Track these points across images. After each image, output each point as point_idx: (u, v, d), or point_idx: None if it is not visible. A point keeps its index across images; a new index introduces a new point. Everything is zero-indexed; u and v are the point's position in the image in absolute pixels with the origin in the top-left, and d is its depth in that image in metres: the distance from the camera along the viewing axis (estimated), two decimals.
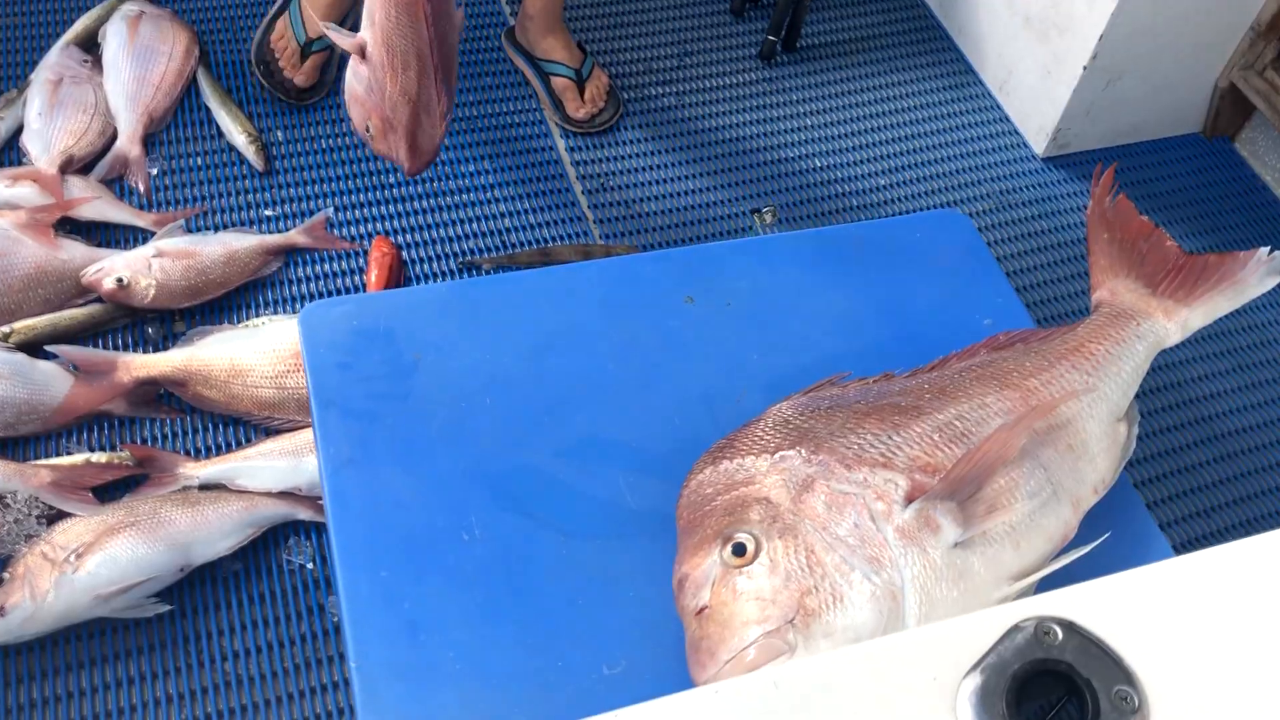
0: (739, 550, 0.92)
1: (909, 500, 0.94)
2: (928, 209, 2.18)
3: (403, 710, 0.92)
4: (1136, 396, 1.15)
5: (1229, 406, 1.96)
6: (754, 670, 0.86)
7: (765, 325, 1.20)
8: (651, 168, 2.18)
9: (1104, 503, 1.06)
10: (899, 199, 2.20)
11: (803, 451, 0.98)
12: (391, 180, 2.08)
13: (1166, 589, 0.77)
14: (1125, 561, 1.06)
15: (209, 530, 1.58)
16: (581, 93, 2.18)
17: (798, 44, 2.43)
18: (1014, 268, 2.12)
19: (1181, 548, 1.73)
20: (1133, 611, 0.76)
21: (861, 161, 2.25)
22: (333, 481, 1.04)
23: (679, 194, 2.14)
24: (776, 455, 0.98)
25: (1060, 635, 0.74)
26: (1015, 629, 0.74)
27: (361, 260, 1.95)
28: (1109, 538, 1.02)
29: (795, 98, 2.35)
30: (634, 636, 0.97)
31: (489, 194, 2.07)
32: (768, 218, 2.13)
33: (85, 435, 1.70)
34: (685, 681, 0.91)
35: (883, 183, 2.22)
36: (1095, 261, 1.25)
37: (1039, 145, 2.31)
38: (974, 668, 0.71)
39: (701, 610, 0.91)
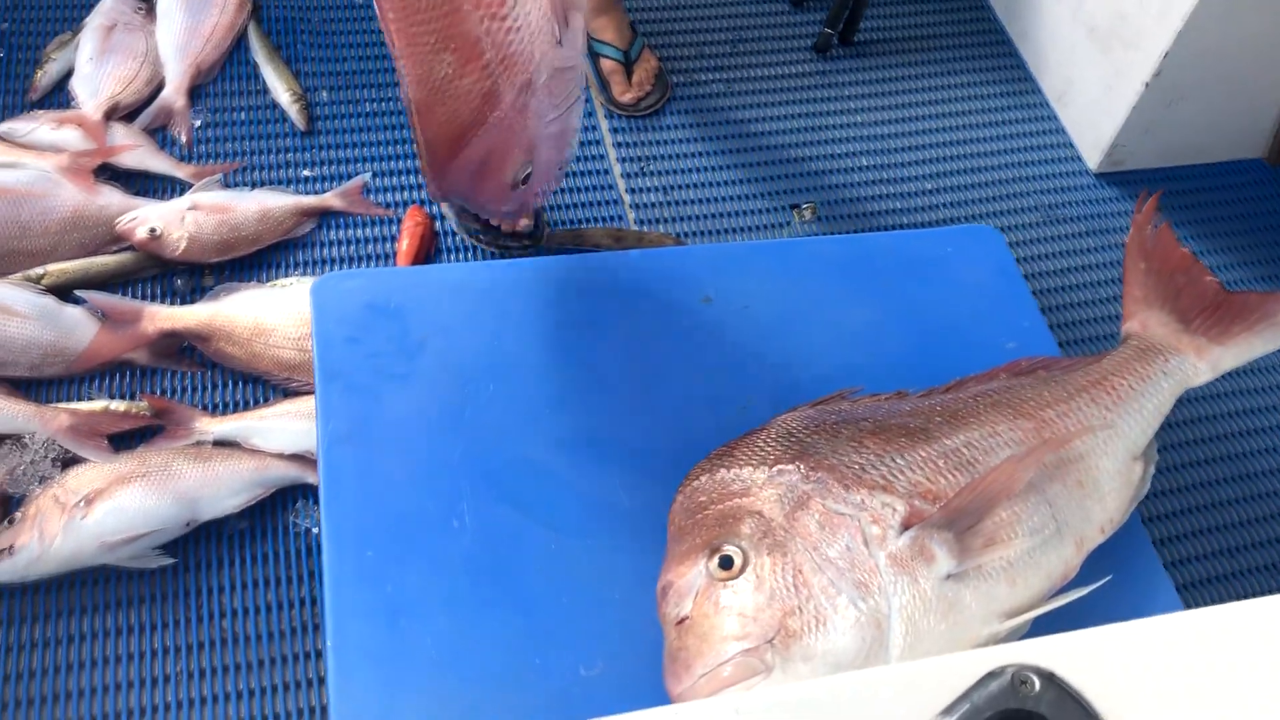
0: (726, 563, 0.90)
1: (905, 527, 0.92)
2: (973, 217, 2.14)
3: (375, 692, 0.91)
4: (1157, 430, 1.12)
5: (1259, 446, 1.90)
6: (728, 687, 0.85)
7: (781, 331, 1.17)
8: (694, 155, 2.15)
9: (1111, 540, 1.03)
10: (944, 204, 2.16)
11: (802, 467, 0.96)
12: None
13: (1156, 647, 0.75)
14: (1124, 603, 1.03)
15: (218, 487, 1.59)
16: (629, 76, 2.15)
17: (855, 38, 2.38)
18: (1055, 285, 2.07)
19: (1189, 588, 1.69)
20: (1117, 668, 0.73)
21: (909, 164, 2.21)
22: (328, 456, 1.04)
23: (719, 184, 2.11)
24: (775, 469, 0.96)
25: (1038, 685, 0.71)
26: (992, 675, 0.72)
27: (394, 228, 1.95)
28: (1115, 577, 1.00)
29: (847, 93, 2.31)
30: (614, 640, 0.96)
31: None
32: (806, 214, 2.09)
33: (106, 382, 1.72)
34: (661, 690, 0.89)
35: (928, 186, 2.18)
36: (1129, 291, 1.22)
37: (1093, 160, 2.25)
38: (945, 712, 0.69)
39: (682, 621, 0.89)
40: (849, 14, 2.32)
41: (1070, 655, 0.75)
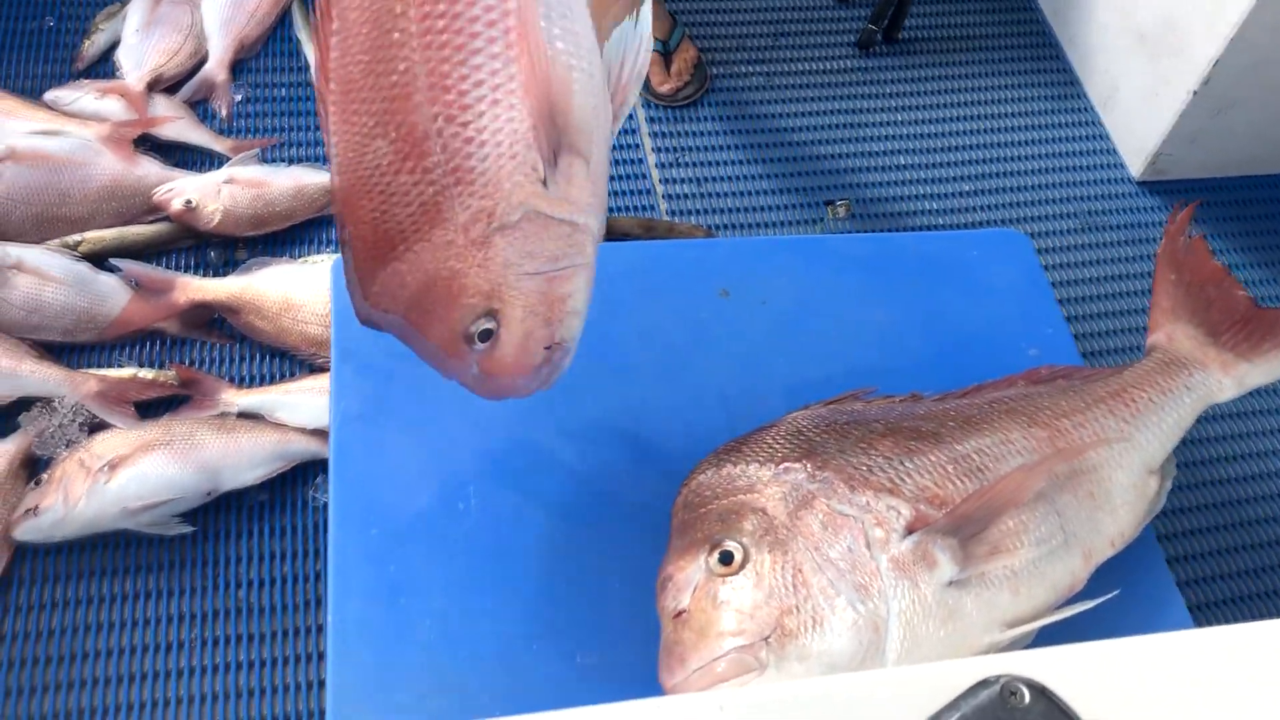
0: (726, 559, 0.90)
1: (909, 531, 0.91)
2: (1010, 220, 2.11)
3: (371, 669, 0.92)
4: (1178, 446, 1.10)
5: None
6: (721, 683, 0.85)
7: (798, 328, 1.16)
8: (729, 147, 2.14)
9: (1123, 552, 1.02)
10: (980, 207, 2.13)
11: (808, 466, 0.95)
12: None
13: (1156, 666, 0.73)
14: (1132, 620, 1.02)
15: (240, 458, 1.61)
16: (667, 65, 2.14)
17: (899, 35, 2.36)
18: (1088, 293, 2.04)
19: (1203, 609, 1.66)
20: (1114, 685, 0.72)
21: (947, 164, 2.19)
22: (339, 434, 1.05)
23: (753, 177, 2.10)
24: (781, 466, 0.96)
25: (1028, 698, 0.70)
26: (983, 684, 0.71)
27: None
28: (1121, 592, 0.98)
29: (888, 90, 2.29)
30: (612, 630, 0.96)
31: None
32: (840, 212, 2.08)
33: (136, 350, 1.74)
34: (655, 682, 0.89)
35: (966, 188, 2.15)
36: (1157, 302, 1.19)
37: (1136, 168, 2.21)
38: (932, 719, 0.69)
39: (680, 614, 0.89)
40: (894, 11, 2.30)
41: (1066, 669, 0.74)
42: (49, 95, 1.96)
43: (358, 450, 1.04)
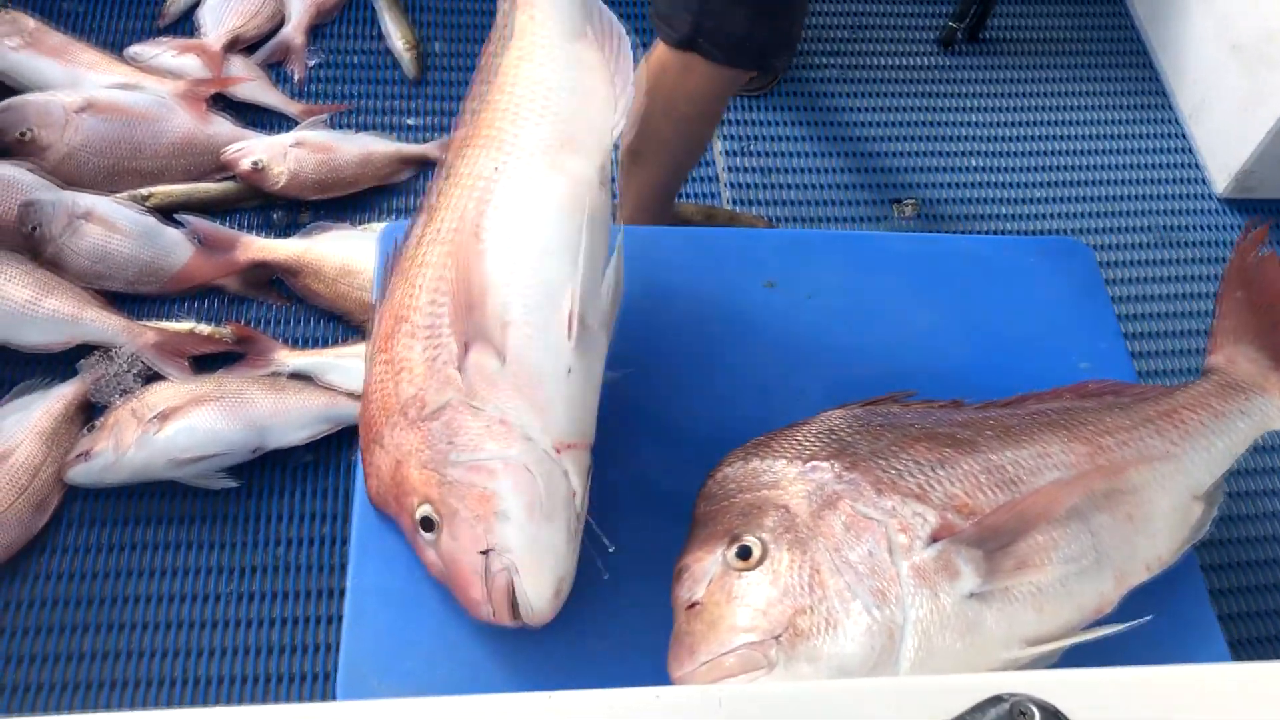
0: (744, 553, 0.89)
1: (934, 539, 0.89)
2: (1082, 230, 2.06)
3: (384, 634, 0.92)
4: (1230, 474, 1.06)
5: None
6: (728, 678, 0.84)
7: (843, 326, 1.14)
8: (799, 138, 2.11)
9: (1164, 579, 0.98)
10: (1052, 214, 2.08)
11: (836, 466, 0.93)
12: None
13: (1182, 699, 0.71)
14: (1165, 649, 0.99)
15: (288, 418, 1.63)
16: None
17: (982, 34, 2.30)
18: (1157, 310, 1.98)
19: (1244, 645, 1.60)
20: (1133, 715, 0.70)
21: (1022, 169, 2.14)
22: None
23: (820, 170, 2.07)
24: (809, 464, 0.94)
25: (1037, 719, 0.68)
26: (993, 701, 0.69)
27: None
28: (1156, 619, 0.95)
29: (966, 91, 2.24)
30: (628, 615, 0.95)
31: None
32: (907, 210, 2.04)
33: (195, 305, 1.77)
34: (664, 671, 0.89)
35: (1039, 194, 2.10)
36: (1220, 322, 1.15)
37: (1220, 184, 2.14)
38: None
39: (693, 605, 0.88)
40: (979, 9, 2.25)
41: (1084, 693, 0.72)
42: (130, 50, 2.00)
43: None
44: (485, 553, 0.85)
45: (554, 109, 0.97)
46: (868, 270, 1.18)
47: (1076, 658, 0.89)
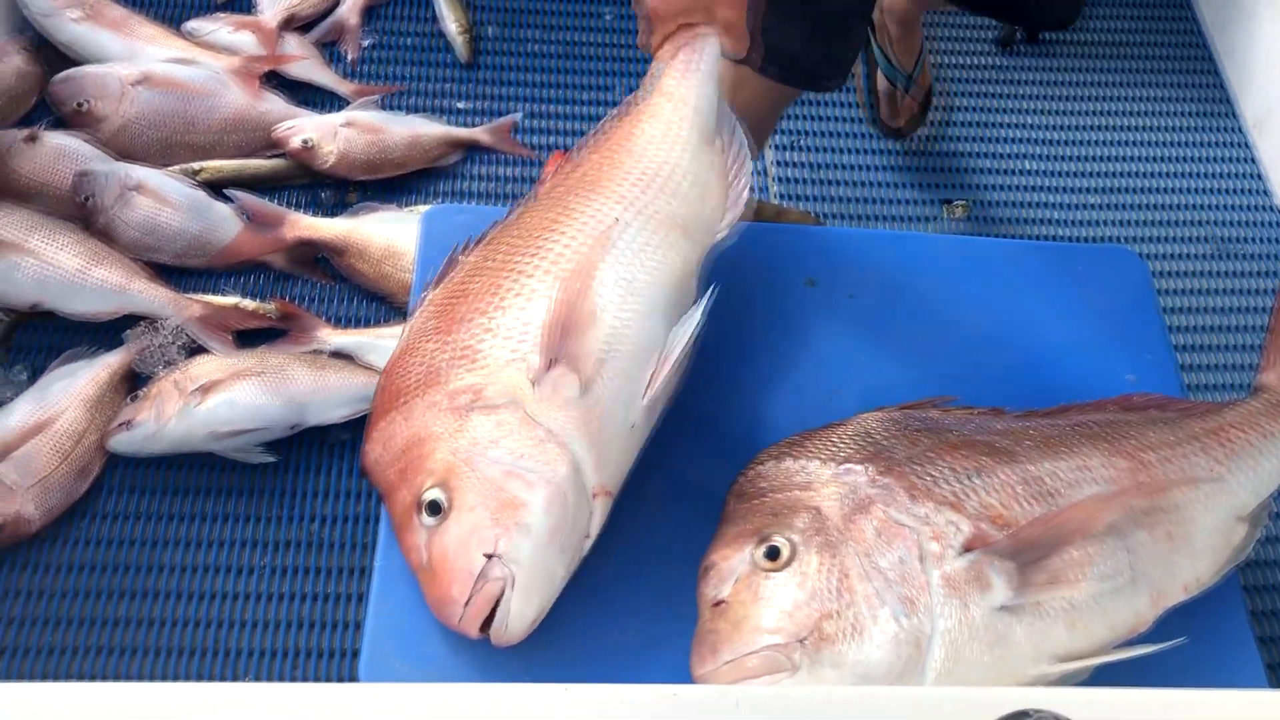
0: (772, 554, 0.88)
1: (967, 549, 0.88)
2: (1136, 239, 2.02)
3: (408, 616, 0.93)
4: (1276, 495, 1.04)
5: None
6: (750, 679, 0.83)
7: (883, 327, 1.13)
8: (851, 135, 2.09)
9: (1202, 599, 0.96)
10: (1106, 221, 2.04)
11: (871, 470, 0.92)
12: (584, 98, 2.07)
13: None
14: (1200, 672, 0.97)
15: (327, 396, 1.64)
16: (902, 100, 2.01)
17: (1041, 36, 2.26)
18: (1210, 323, 1.93)
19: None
20: None
21: (1077, 174, 2.10)
22: None
23: (870, 167, 2.05)
24: (843, 467, 0.93)
25: None
26: (1017, 716, 0.68)
27: (537, 171, 1.96)
28: (1192, 641, 0.93)
29: (1023, 92, 2.20)
30: (653, 611, 0.95)
31: None
32: (958, 211, 2.01)
33: (241, 280, 1.79)
34: (687, 667, 0.88)
35: (1094, 200, 2.06)
36: (1274, 339, 1.13)
37: None
38: None
39: (719, 603, 0.88)
40: None
41: (1111, 713, 0.71)
42: (188, 25, 2.02)
43: None
44: (490, 556, 0.84)
45: (680, 192, 1.01)
46: (911, 271, 1.16)
47: (1107, 677, 0.88)
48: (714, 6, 1.07)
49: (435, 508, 0.86)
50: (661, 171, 1.02)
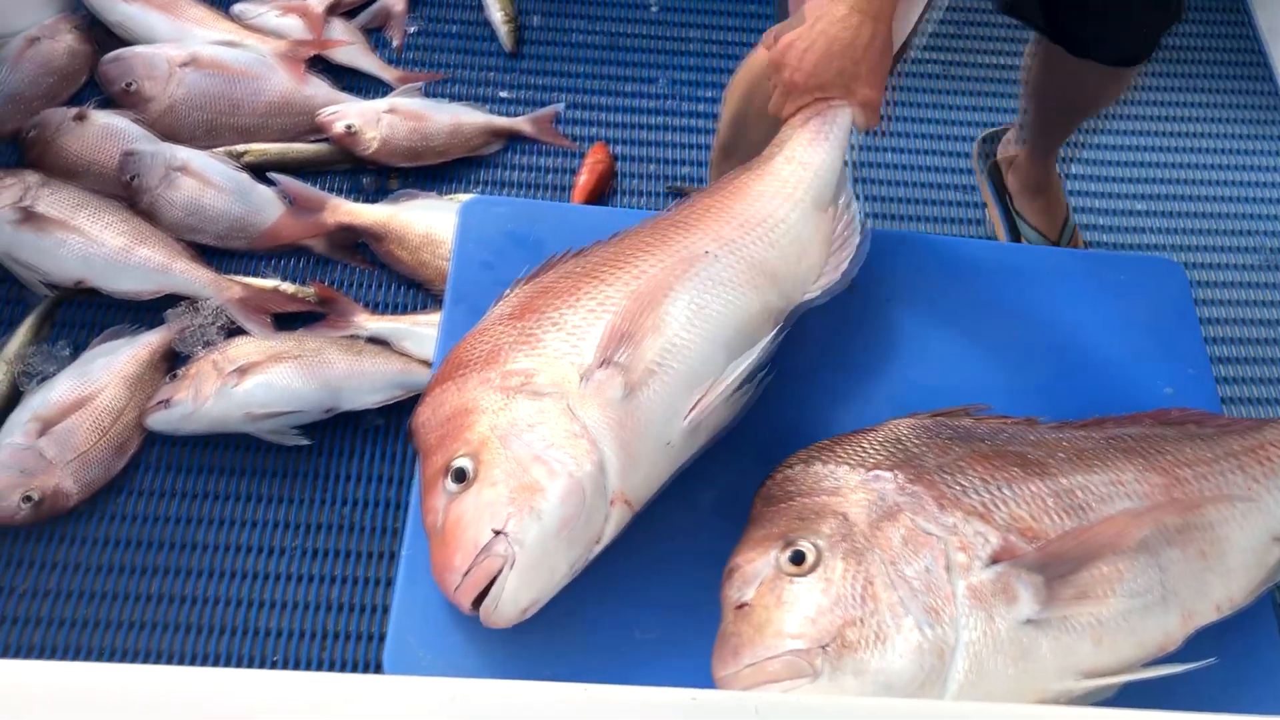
0: (797, 558, 0.87)
1: (994, 560, 0.87)
2: (1182, 247, 1.99)
3: (433, 607, 0.93)
4: None
5: None
6: (771, 683, 0.83)
7: (920, 332, 1.12)
8: (893, 134, 2.07)
9: (1234, 619, 0.95)
10: (1152, 228, 2.01)
11: (900, 477, 0.92)
12: (626, 89, 2.07)
13: None
14: (1231, 695, 0.95)
15: (363, 381, 1.65)
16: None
17: None
18: (1252, 335, 1.90)
19: None
20: None
21: (1123, 179, 2.07)
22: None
23: (913, 167, 2.03)
24: (872, 473, 0.93)
25: None
26: None
27: (576, 162, 1.96)
28: (1222, 661, 0.91)
29: None
30: (676, 611, 0.95)
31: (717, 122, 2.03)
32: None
33: (281, 263, 1.80)
34: (708, 668, 0.88)
35: (1139, 207, 2.03)
36: None
37: None
38: None
39: (742, 606, 0.87)
40: None
41: None
42: (237, 8, 2.04)
43: None
44: (498, 533, 0.85)
45: (779, 245, 1.04)
46: (949, 276, 1.15)
47: (1133, 696, 0.87)
48: (854, 84, 1.09)
49: (461, 475, 0.88)
50: (765, 221, 1.04)
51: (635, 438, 0.91)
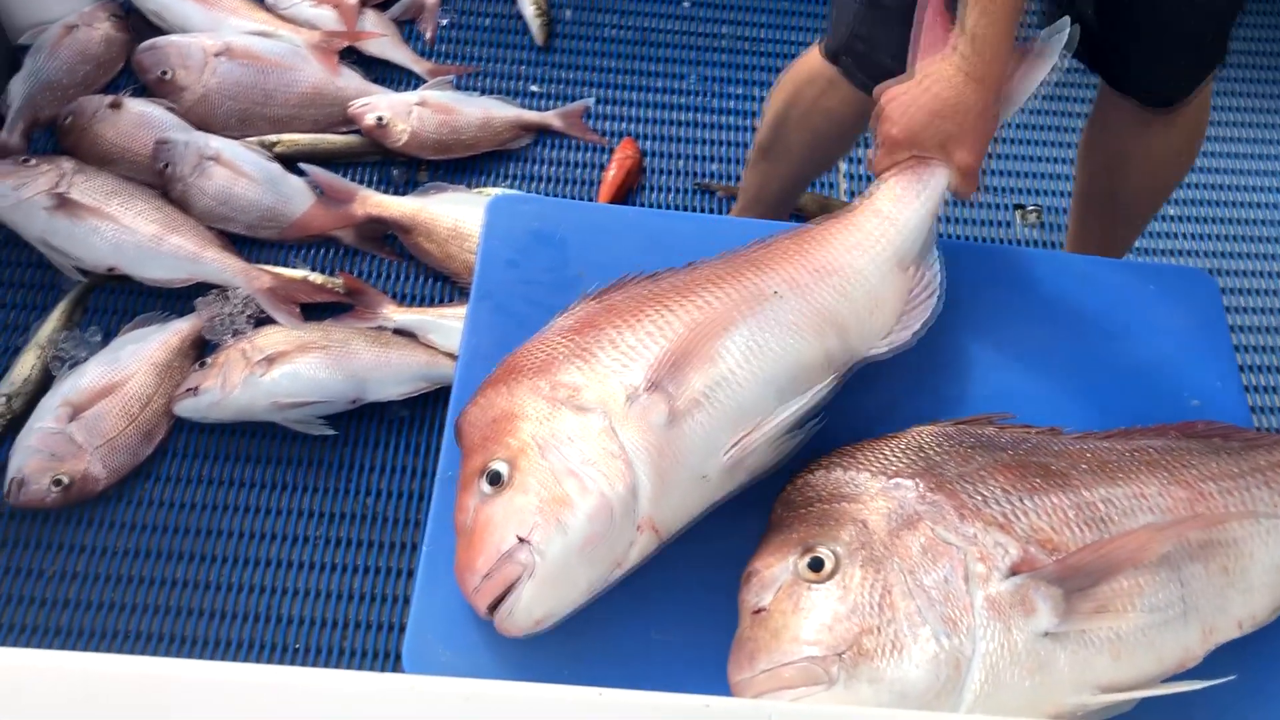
0: (815, 565, 0.87)
1: (1013, 572, 0.86)
2: (1222, 253, 1.96)
3: (452, 604, 0.93)
4: None
5: None
6: (786, 690, 0.83)
7: (943, 339, 1.11)
8: None
9: (1254, 636, 0.94)
10: (1188, 234, 1.99)
11: (920, 485, 0.91)
12: (656, 85, 2.07)
13: None
14: (1250, 711, 0.95)
15: (388, 373, 1.66)
16: None
17: None
18: None
19: None
20: None
21: None
22: (464, 371, 1.06)
23: None
24: (892, 480, 0.92)
25: None
26: None
27: (605, 157, 1.96)
28: (1242, 679, 0.91)
29: None
30: (693, 612, 0.95)
31: (747, 121, 2.03)
32: (1031, 217, 1.98)
33: (310, 254, 1.82)
34: (724, 672, 0.88)
35: (1171, 212, 2.01)
36: None
37: None
38: None
39: (759, 611, 0.88)
40: None
41: None
42: None
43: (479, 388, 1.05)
44: (522, 541, 0.85)
45: (850, 296, 1.02)
46: (974, 283, 1.14)
47: (1151, 711, 0.86)
48: (953, 148, 1.08)
49: (496, 478, 0.88)
50: (840, 271, 1.03)
51: (672, 466, 0.90)
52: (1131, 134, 1.49)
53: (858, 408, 1.06)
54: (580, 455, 0.89)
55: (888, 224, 1.07)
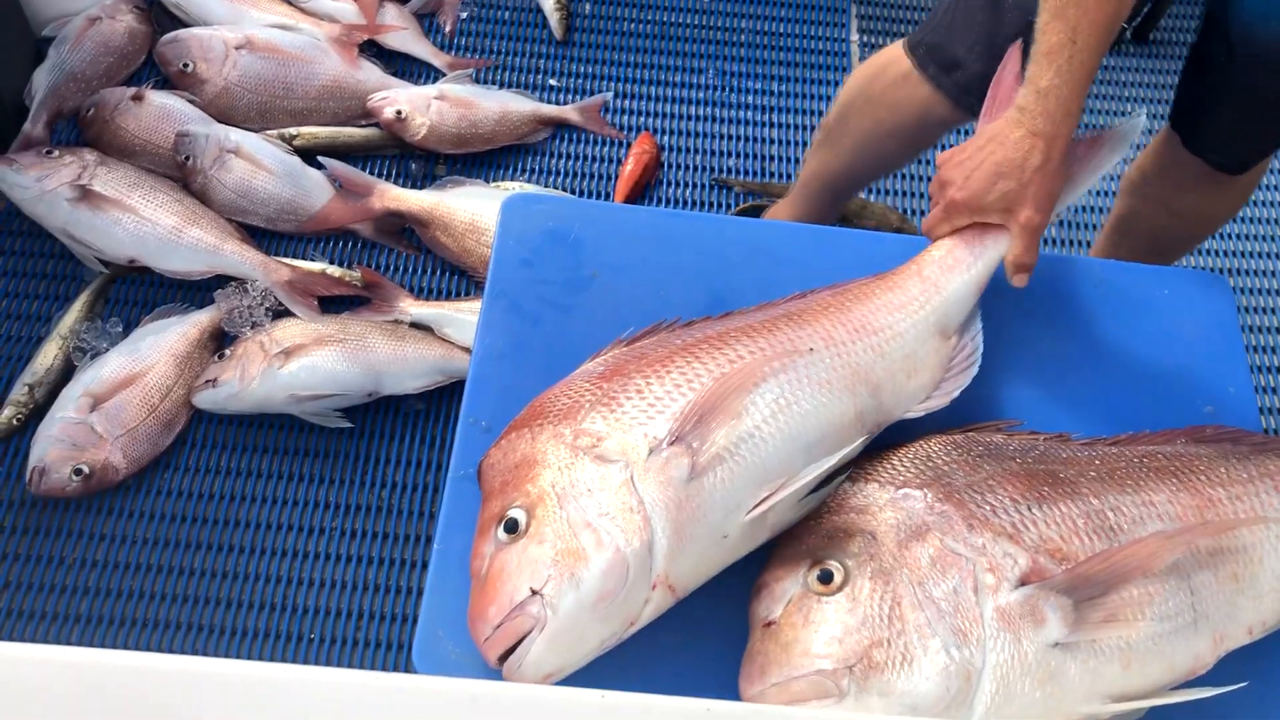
0: (825, 577, 0.87)
1: (1023, 582, 0.87)
2: (1243, 253, 1.95)
3: (461, 600, 0.94)
4: None
5: None
6: (796, 702, 0.83)
7: None
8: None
9: (1264, 642, 0.94)
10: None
11: (929, 496, 0.91)
12: (675, 80, 2.06)
13: None
14: (1262, 716, 0.94)
15: (405, 366, 1.67)
16: None
17: (1150, 36, 2.19)
18: None
19: None
20: None
21: None
22: (477, 369, 1.07)
23: None
24: (901, 491, 0.92)
25: None
26: None
27: (623, 152, 1.96)
28: (1255, 686, 0.91)
29: (1128, 95, 2.14)
30: (703, 619, 0.95)
31: (765, 116, 2.02)
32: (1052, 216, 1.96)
33: (328, 247, 1.83)
34: (733, 678, 0.89)
35: None
36: None
37: None
38: None
39: (769, 624, 0.88)
40: (1150, 7, 2.14)
41: None
42: None
43: (492, 387, 1.06)
44: (535, 592, 0.84)
45: (888, 357, 1.00)
46: (989, 286, 1.14)
47: (1162, 719, 0.86)
48: (1016, 206, 1.04)
49: (513, 525, 0.87)
50: (880, 332, 1.01)
51: (691, 522, 0.88)
52: (1191, 188, 1.46)
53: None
54: (598, 508, 0.87)
55: (933, 290, 1.05)
